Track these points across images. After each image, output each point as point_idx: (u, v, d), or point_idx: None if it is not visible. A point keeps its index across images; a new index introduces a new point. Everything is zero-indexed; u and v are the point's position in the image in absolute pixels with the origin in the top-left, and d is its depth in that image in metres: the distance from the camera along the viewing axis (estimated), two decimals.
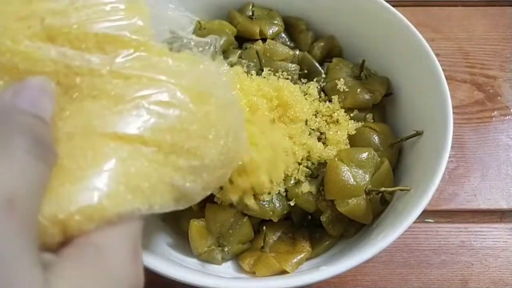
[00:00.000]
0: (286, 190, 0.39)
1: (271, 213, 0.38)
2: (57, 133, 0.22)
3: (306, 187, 0.38)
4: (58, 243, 0.20)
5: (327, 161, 0.39)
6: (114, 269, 0.20)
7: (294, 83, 0.44)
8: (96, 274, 0.19)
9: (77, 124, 0.22)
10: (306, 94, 0.44)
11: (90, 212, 0.20)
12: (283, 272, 0.37)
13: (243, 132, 0.29)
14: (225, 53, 0.46)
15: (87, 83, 0.23)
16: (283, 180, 0.39)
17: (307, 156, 0.40)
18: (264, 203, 0.37)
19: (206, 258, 0.39)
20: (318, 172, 0.40)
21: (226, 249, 0.39)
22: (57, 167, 0.21)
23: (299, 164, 0.39)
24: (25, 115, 0.20)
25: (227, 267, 0.40)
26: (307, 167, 0.39)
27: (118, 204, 0.21)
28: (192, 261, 0.39)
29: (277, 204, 0.38)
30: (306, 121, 0.42)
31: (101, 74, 0.23)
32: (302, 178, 0.39)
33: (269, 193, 0.38)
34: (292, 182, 0.39)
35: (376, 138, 0.42)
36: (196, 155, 0.25)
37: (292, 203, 0.38)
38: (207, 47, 0.30)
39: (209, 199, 0.39)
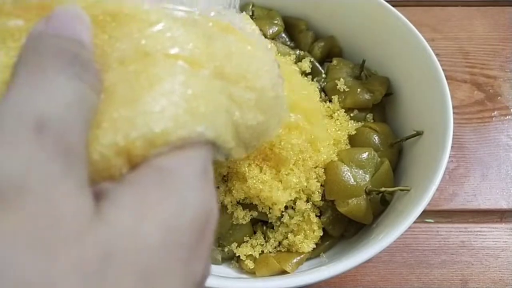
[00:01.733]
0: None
1: (270, 215, 0.38)
2: (107, 59, 0.20)
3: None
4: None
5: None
6: (179, 193, 0.18)
7: None
8: (158, 199, 0.17)
9: (127, 46, 0.21)
10: None
11: (151, 136, 0.18)
12: (283, 272, 0.37)
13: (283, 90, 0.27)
14: None
15: (134, 8, 0.22)
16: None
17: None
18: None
19: None
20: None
21: (226, 249, 0.39)
22: (109, 93, 0.19)
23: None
24: (58, 38, 0.19)
25: (227, 267, 0.40)
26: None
27: (179, 127, 0.19)
28: None
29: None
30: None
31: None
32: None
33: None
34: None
35: (376, 138, 0.42)
36: (250, 80, 0.23)
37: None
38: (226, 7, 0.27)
39: None
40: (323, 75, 0.47)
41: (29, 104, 0.16)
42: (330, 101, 0.45)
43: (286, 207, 0.38)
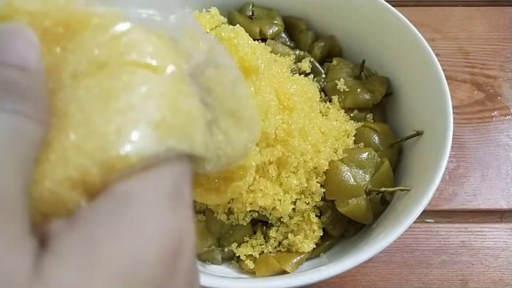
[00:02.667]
0: None
1: (271, 216, 0.38)
2: (61, 75, 0.18)
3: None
4: None
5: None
6: (139, 224, 0.16)
7: None
8: (113, 237, 0.15)
9: (80, 58, 0.18)
10: None
11: (108, 161, 0.16)
12: (283, 272, 0.37)
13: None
14: None
15: (86, 14, 0.19)
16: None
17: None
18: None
19: (206, 258, 0.39)
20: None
21: (226, 249, 0.39)
22: (61, 116, 0.17)
23: None
24: None
25: (227, 267, 0.40)
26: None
27: (141, 145, 0.17)
28: None
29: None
30: None
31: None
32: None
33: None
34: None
35: (376, 138, 0.42)
36: (228, 88, 0.22)
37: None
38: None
39: None
40: (323, 75, 0.46)
41: None
42: (330, 101, 0.45)
43: None
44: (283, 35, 0.49)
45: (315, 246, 0.39)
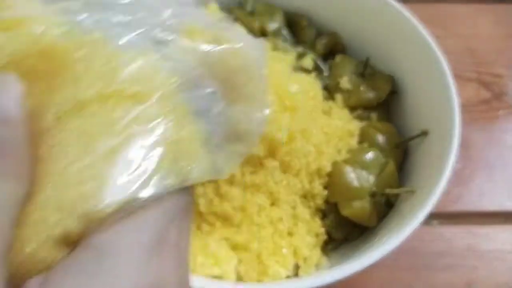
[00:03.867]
0: None
1: None
2: (46, 117, 0.17)
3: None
4: None
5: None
6: (115, 275, 0.15)
7: None
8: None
9: (62, 97, 0.17)
10: None
11: (86, 213, 0.16)
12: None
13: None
14: None
15: (65, 47, 0.18)
16: None
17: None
18: None
19: None
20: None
21: None
22: (45, 162, 0.17)
23: None
24: None
25: None
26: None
27: (120, 192, 0.16)
28: None
29: None
30: None
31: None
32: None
33: None
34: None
35: (380, 138, 0.41)
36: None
37: None
38: None
39: None
40: (326, 73, 0.46)
41: None
42: (333, 99, 0.44)
43: None
44: (284, 31, 0.48)
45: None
